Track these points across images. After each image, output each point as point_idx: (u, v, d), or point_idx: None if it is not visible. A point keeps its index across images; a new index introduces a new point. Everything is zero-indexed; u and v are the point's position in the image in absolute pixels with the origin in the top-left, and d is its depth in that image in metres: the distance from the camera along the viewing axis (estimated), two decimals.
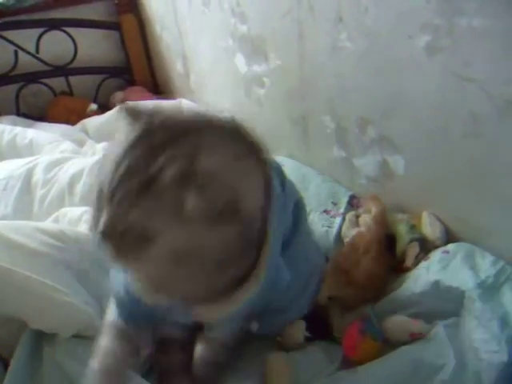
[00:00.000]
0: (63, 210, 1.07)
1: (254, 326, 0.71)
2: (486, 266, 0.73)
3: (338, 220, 0.96)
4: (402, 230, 0.84)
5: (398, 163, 0.90)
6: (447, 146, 0.79)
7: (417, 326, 0.70)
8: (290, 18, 1.03)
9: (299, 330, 0.77)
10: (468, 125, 0.73)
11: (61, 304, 0.71)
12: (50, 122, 1.74)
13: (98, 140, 1.61)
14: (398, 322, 0.72)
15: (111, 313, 0.67)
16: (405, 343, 0.70)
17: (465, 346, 0.65)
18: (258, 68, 1.23)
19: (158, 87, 2.01)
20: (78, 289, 0.77)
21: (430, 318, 0.71)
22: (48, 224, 0.87)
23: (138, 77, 1.96)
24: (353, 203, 1.00)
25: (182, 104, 1.61)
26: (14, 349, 0.70)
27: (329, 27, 0.93)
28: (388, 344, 0.70)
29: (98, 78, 1.91)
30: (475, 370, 0.62)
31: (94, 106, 1.79)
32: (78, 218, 1.01)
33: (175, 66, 1.78)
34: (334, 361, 0.72)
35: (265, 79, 1.23)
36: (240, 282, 0.52)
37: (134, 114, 0.48)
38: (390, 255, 0.85)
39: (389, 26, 0.80)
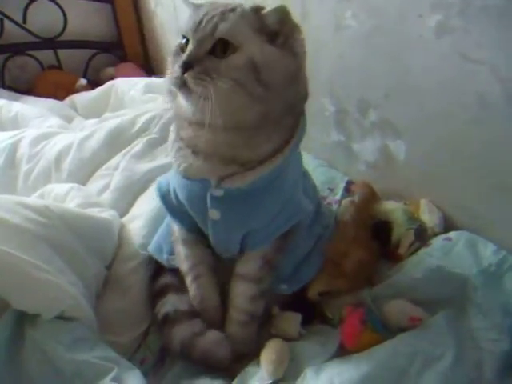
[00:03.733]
0: (49, 186, 1.02)
1: (284, 287, 0.75)
2: (488, 254, 0.71)
3: (334, 208, 0.94)
4: (399, 218, 0.82)
5: (398, 148, 0.88)
6: (451, 131, 0.76)
7: (417, 310, 0.69)
8: None
9: (294, 325, 0.75)
10: (474, 110, 0.71)
11: (44, 283, 0.67)
12: (36, 96, 1.67)
13: (87, 116, 1.55)
14: (398, 306, 0.70)
15: (174, 225, 0.76)
16: (403, 329, 0.68)
17: (465, 334, 0.64)
18: None
19: (150, 65, 1.95)
20: (62, 268, 0.74)
21: (430, 304, 0.69)
22: (32, 199, 0.83)
23: (129, 53, 1.89)
24: (350, 189, 0.97)
25: None
26: None
27: (333, 4, 0.89)
28: (387, 332, 0.68)
29: (88, 52, 1.85)
30: (475, 359, 0.61)
31: (83, 81, 1.72)
32: (64, 194, 0.97)
33: (169, 44, 1.72)
34: (329, 346, 0.70)
35: None
36: (270, 155, 0.60)
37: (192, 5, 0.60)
38: (380, 242, 0.83)
39: (398, 4, 0.77)
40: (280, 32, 0.54)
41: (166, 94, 0.62)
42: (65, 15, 1.73)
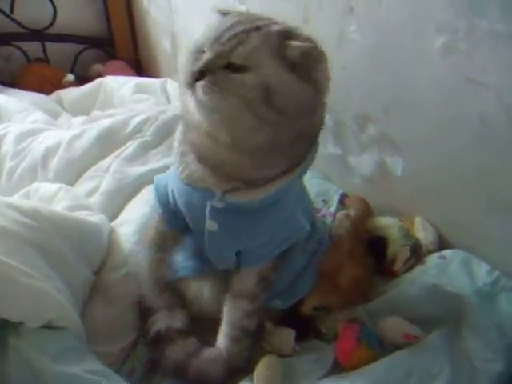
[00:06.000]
0: (35, 185, 0.99)
1: (278, 303, 0.74)
2: (483, 274, 0.72)
3: (328, 220, 0.93)
4: (395, 234, 0.82)
5: (396, 164, 0.88)
6: (451, 150, 0.77)
7: (412, 327, 0.69)
8: (295, 2, 0.98)
9: (288, 341, 0.74)
10: (475, 130, 0.72)
11: (30, 290, 0.64)
12: (21, 89, 1.61)
13: (74, 114, 1.52)
14: (393, 323, 0.70)
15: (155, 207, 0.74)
16: (399, 346, 0.68)
17: (460, 354, 0.64)
18: None
19: (140, 64, 1.91)
20: (49, 273, 0.71)
21: (425, 322, 0.69)
22: (21, 200, 0.79)
23: (119, 51, 1.85)
24: (344, 202, 0.97)
25: (168, 84, 1.53)
26: None
27: (337, 17, 0.89)
28: (382, 349, 0.68)
29: (76, 47, 1.80)
30: (470, 378, 0.62)
31: (70, 77, 1.67)
32: (51, 195, 0.94)
33: (162, 44, 1.69)
34: (324, 363, 0.69)
35: None
36: (274, 177, 0.59)
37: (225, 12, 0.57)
38: (375, 258, 0.83)
39: (403, 22, 0.77)
40: (302, 64, 0.52)
41: (179, 94, 0.61)
42: (54, 7, 1.68)
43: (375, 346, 0.69)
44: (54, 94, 1.59)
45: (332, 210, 0.96)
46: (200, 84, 0.52)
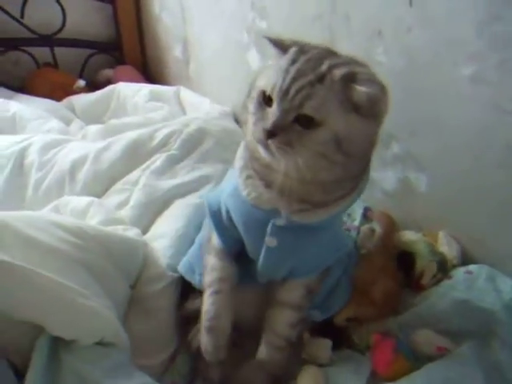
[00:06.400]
0: (64, 198, 1.00)
1: (317, 314, 0.78)
2: (508, 289, 0.77)
3: (352, 234, 0.97)
4: (422, 250, 0.86)
5: (420, 181, 0.92)
6: (477, 173, 0.81)
7: (444, 340, 0.73)
8: (321, 24, 1.01)
9: (325, 350, 0.78)
10: (502, 157, 0.76)
11: (84, 309, 0.66)
12: (30, 94, 1.61)
13: (86, 120, 1.52)
14: (425, 335, 0.75)
15: (214, 237, 0.75)
16: (431, 358, 0.72)
17: (491, 366, 0.69)
18: None
19: (149, 70, 1.92)
20: (98, 291, 0.73)
21: (454, 335, 0.74)
22: (64, 218, 0.81)
23: (128, 56, 1.86)
24: (368, 216, 1.01)
25: (181, 91, 1.55)
26: (25, 354, 0.65)
27: (365, 39, 0.92)
28: (417, 360, 0.72)
29: (85, 52, 1.80)
30: None
31: (81, 83, 1.68)
32: (82, 210, 0.95)
33: (172, 51, 1.70)
34: (362, 374, 0.73)
35: None
36: (343, 195, 0.63)
37: (278, 43, 0.59)
38: (404, 272, 0.87)
39: (433, 50, 0.81)
40: (368, 105, 0.54)
41: (241, 125, 0.64)
42: (64, 12, 1.68)
43: (411, 358, 0.73)
44: (66, 100, 1.60)
45: (356, 223, 0.99)
46: (273, 143, 0.55)
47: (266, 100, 0.57)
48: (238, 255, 0.76)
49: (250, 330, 0.81)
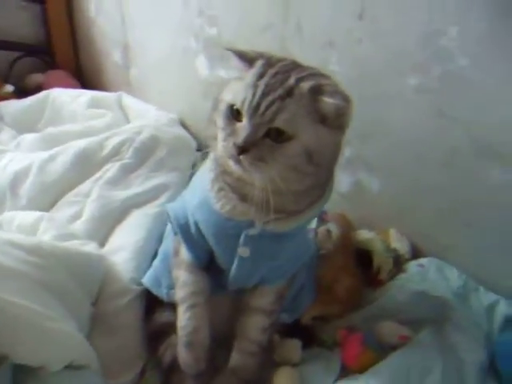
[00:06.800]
0: (8, 214, 0.92)
1: (285, 317, 0.80)
2: (455, 278, 0.85)
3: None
4: (378, 248, 0.92)
5: (371, 183, 0.99)
6: (423, 173, 0.89)
7: (405, 329, 0.79)
8: (272, 33, 1.04)
9: (296, 350, 0.80)
10: (446, 158, 0.85)
11: (53, 333, 0.63)
12: None
13: (18, 129, 1.41)
14: (387, 326, 0.80)
15: (183, 250, 0.74)
16: (394, 347, 0.78)
17: (447, 349, 0.76)
18: (224, 73, 1.22)
19: (83, 75, 1.83)
20: (63, 312, 0.69)
21: (413, 324, 0.80)
22: (21, 236, 0.74)
23: (59, 60, 1.75)
24: (323, 218, 1.05)
25: (123, 98, 1.49)
26: None
27: (317, 49, 0.97)
28: (382, 350, 0.77)
29: (11, 54, 1.66)
30: (458, 368, 0.73)
31: (9, 88, 1.55)
32: (31, 226, 0.89)
33: (110, 56, 1.64)
34: (333, 369, 0.77)
35: None
36: (313, 202, 0.65)
37: (243, 56, 0.59)
38: (363, 269, 0.93)
39: (381, 60, 0.88)
40: (334, 116, 0.56)
41: (208, 139, 0.63)
42: None
43: (377, 349, 0.78)
44: None
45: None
46: (245, 159, 0.55)
47: (234, 114, 0.57)
48: (206, 266, 0.76)
49: (220, 338, 0.81)
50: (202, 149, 1.36)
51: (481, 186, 0.82)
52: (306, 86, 0.55)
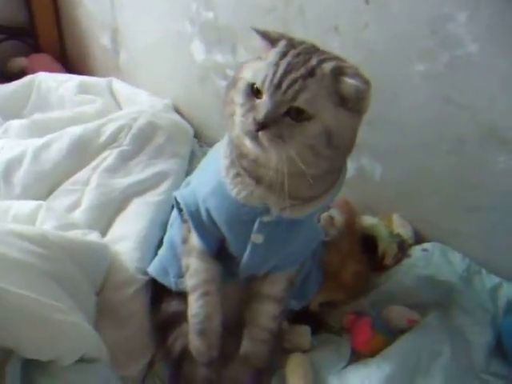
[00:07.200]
0: (2, 203, 0.88)
1: (294, 304, 0.80)
2: (458, 262, 0.87)
3: None
4: (383, 233, 0.93)
5: (375, 170, 0.99)
6: (427, 159, 0.90)
7: (413, 313, 0.81)
8: (274, 17, 1.02)
9: (305, 336, 0.81)
10: (451, 145, 0.85)
11: (64, 325, 0.61)
12: None
13: (2, 114, 1.34)
14: (395, 310, 0.82)
15: (193, 237, 0.73)
16: (403, 330, 0.79)
17: (455, 331, 0.78)
18: (220, 58, 1.19)
19: (69, 59, 1.76)
20: (71, 304, 0.67)
21: (420, 307, 0.82)
22: (23, 226, 0.71)
23: (43, 43, 1.68)
24: None
25: (113, 83, 1.44)
26: None
27: (321, 33, 0.95)
28: (391, 334, 0.78)
29: None
30: (466, 350, 0.75)
31: None
32: (28, 216, 0.86)
33: (98, 40, 1.58)
34: (343, 354, 0.77)
35: (228, 71, 1.19)
36: (327, 189, 0.65)
37: (266, 35, 0.59)
38: (368, 255, 0.94)
39: (388, 45, 0.87)
40: (354, 98, 0.55)
41: (225, 119, 0.61)
42: None
43: (386, 333, 0.79)
44: None
45: None
46: (264, 135, 0.54)
47: (254, 92, 0.56)
48: (217, 254, 0.75)
49: (230, 326, 0.81)
50: (198, 136, 1.34)
51: (486, 172, 0.83)
52: (328, 66, 0.55)
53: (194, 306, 0.71)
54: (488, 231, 0.87)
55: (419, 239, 0.96)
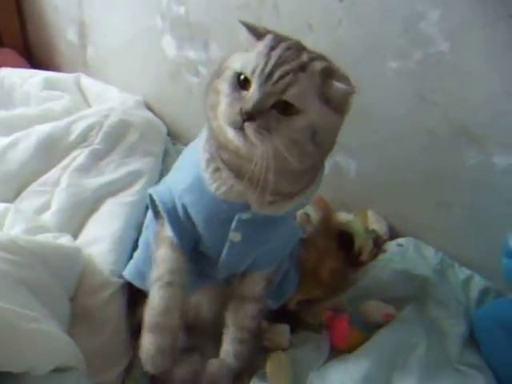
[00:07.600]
0: None
1: (271, 303, 0.80)
2: (432, 255, 0.89)
3: None
4: (358, 229, 0.94)
5: (350, 166, 1.00)
6: (401, 155, 0.92)
7: (389, 307, 0.82)
8: (248, 13, 1.01)
9: (285, 335, 0.81)
10: (424, 141, 0.87)
11: (38, 335, 0.58)
12: None
13: None
14: (372, 305, 0.83)
15: (166, 229, 0.70)
16: (380, 325, 0.80)
17: (430, 323, 0.79)
18: (193, 54, 1.17)
19: (33, 54, 1.68)
20: (45, 312, 0.64)
21: (397, 302, 0.83)
22: None
23: (5, 37, 1.59)
24: None
25: (81, 79, 1.39)
26: None
27: (294, 30, 0.94)
28: (368, 329, 0.79)
29: None
30: (441, 342, 0.77)
31: None
32: None
33: (64, 34, 1.51)
34: (322, 350, 0.78)
35: (200, 68, 1.17)
36: (306, 186, 0.65)
37: (252, 29, 0.59)
38: (344, 251, 0.95)
39: (361, 42, 0.88)
40: (340, 100, 0.56)
41: (206, 109, 0.60)
42: None
43: (364, 328, 0.80)
44: None
45: None
46: (250, 127, 0.53)
47: (241, 83, 0.55)
48: (192, 256, 0.73)
49: (207, 330, 0.80)
50: (170, 133, 1.32)
51: (457, 168, 0.85)
52: (319, 65, 0.56)
53: (154, 299, 0.66)
54: (459, 225, 0.90)
55: (394, 234, 0.98)
